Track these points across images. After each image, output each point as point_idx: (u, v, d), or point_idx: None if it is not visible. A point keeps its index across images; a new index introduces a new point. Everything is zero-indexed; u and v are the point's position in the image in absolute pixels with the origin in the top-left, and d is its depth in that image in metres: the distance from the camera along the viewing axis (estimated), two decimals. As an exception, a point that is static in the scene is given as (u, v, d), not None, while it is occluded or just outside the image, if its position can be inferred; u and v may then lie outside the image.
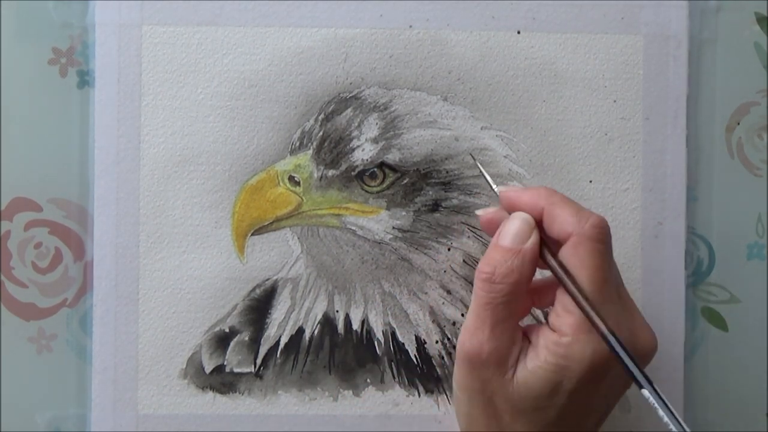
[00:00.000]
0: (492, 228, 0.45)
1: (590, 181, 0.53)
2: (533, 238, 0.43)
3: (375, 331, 0.53)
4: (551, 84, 0.53)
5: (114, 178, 0.52)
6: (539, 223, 0.44)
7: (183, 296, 0.53)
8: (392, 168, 0.52)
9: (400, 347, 0.53)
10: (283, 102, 0.53)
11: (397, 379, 0.53)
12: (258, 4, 0.53)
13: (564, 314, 0.42)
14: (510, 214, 0.45)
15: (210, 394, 0.53)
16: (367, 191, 0.52)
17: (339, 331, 0.53)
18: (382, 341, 0.53)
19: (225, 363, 0.53)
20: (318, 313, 0.53)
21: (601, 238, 0.43)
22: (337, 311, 0.53)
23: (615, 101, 0.53)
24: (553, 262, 0.43)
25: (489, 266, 0.43)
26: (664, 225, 0.53)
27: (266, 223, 0.52)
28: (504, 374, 0.42)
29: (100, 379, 0.53)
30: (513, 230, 0.43)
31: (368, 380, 0.53)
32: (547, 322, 0.44)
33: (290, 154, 0.52)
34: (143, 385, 0.53)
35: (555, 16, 0.53)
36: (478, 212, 0.47)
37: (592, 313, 0.42)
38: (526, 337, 0.44)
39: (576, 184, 0.53)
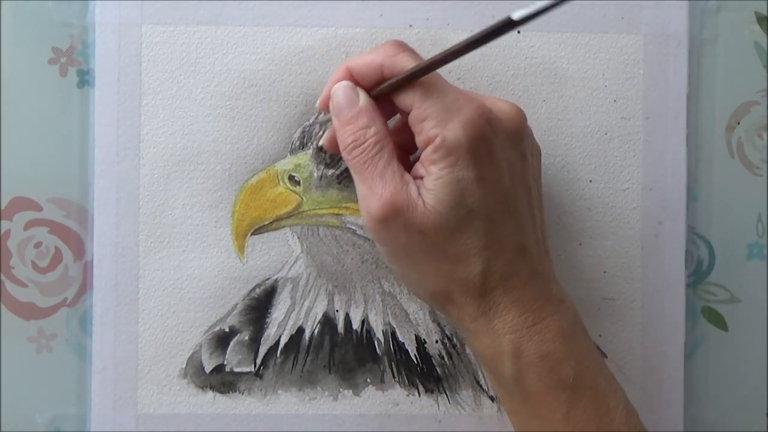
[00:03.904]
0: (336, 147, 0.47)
1: (590, 181, 0.53)
2: (362, 94, 0.45)
3: (375, 330, 0.53)
4: (551, 84, 0.53)
5: (114, 177, 0.52)
6: (380, 80, 0.46)
7: (183, 296, 0.53)
8: (392, 167, 0.52)
9: (400, 347, 0.53)
10: (283, 101, 0.53)
11: (397, 379, 0.53)
12: (258, 3, 0.53)
13: (423, 124, 0.43)
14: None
15: (210, 394, 0.53)
16: (367, 191, 0.52)
17: (339, 331, 0.53)
18: (382, 341, 0.53)
19: (225, 362, 0.53)
20: (318, 313, 0.53)
21: (404, 47, 0.45)
22: (337, 311, 0.53)
23: (615, 101, 0.53)
24: (382, 86, 0.45)
25: (349, 138, 0.44)
26: (664, 225, 0.53)
27: (266, 223, 0.52)
28: (416, 208, 0.43)
29: (100, 379, 0.53)
30: (342, 101, 0.45)
31: (368, 380, 0.53)
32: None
33: (290, 154, 0.52)
34: (143, 384, 0.53)
35: (555, 15, 0.53)
36: (320, 143, 0.49)
37: (440, 57, 0.43)
38: (417, 178, 0.44)
39: (576, 184, 0.53)
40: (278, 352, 0.53)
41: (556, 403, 0.43)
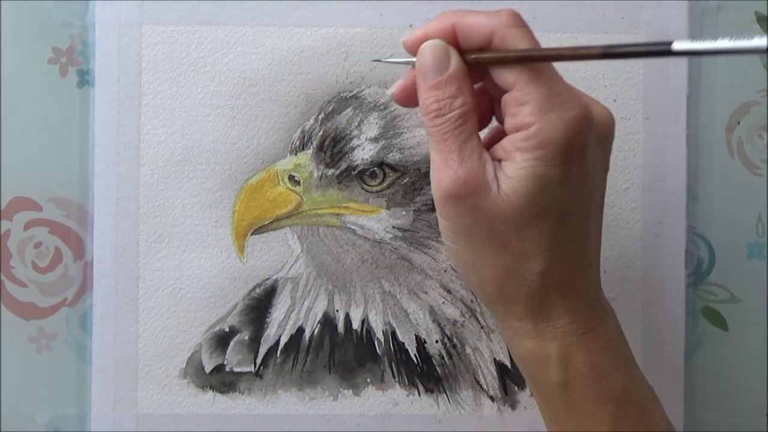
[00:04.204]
0: (411, 99, 0.43)
1: (590, 181, 0.53)
2: (454, 58, 0.41)
3: (375, 330, 0.53)
4: (551, 84, 0.53)
5: (114, 177, 0.52)
6: (456, 45, 0.42)
7: (183, 296, 0.53)
8: (392, 167, 0.52)
9: (400, 347, 0.53)
10: (283, 101, 0.53)
11: (397, 379, 0.53)
12: (258, 3, 0.53)
13: (520, 108, 0.40)
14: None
15: (210, 394, 0.53)
16: (367, 190, 0.52)
17: (339, 331, 0.53)
18: (382, 341, 0.53)
19: (225, 362, 0.53)
20: (318, 313, 0.53)
21: (522, 22, 0.41)
22: (337, 311, 0.53)
23: (615, 101, 0.53)
24: (486, 56, 0.41)
25: (433, 104, 0.41)
26: (664, 224, 0.53)
27: (266, 223, 0.52)
28: (489, 192, 0.40)
29: (100, 379, 0.53)
30: (430, 62, 0.41)
31: (368, 380, 0.53)
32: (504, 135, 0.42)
33: (290, 154, 0.52)
34: (143, 384, 0.53)
35: (555, 15, 0.53)
36: (390, 91, 0.44)
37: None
38: (494, 159, 0.42)
39: (576, 184, 0.53)
40: (278, 352, 0.53)
41: (602, 415, 0.42)
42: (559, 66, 0.52)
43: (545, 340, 0.42)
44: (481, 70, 0.42)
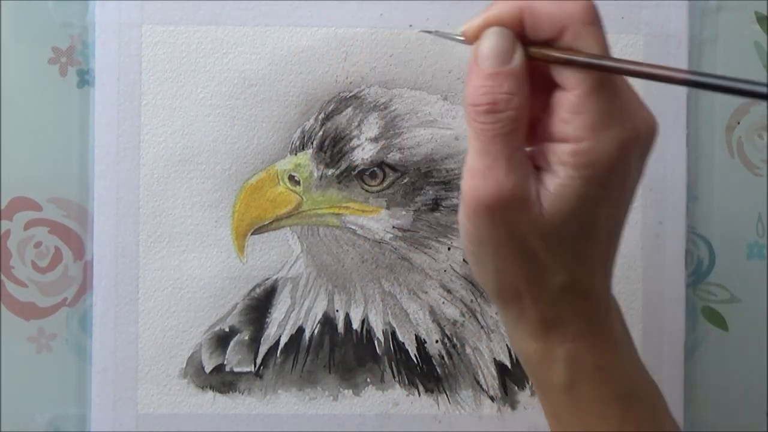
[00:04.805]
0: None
1: (590, 181, 0.53)
2: (519, 52, 0.37)
3: (375, 330, 0.53)
4: (551, 84, 0.53)
5: (114, 177, 0.52)
6: (523, 31, 0.37)
7: (183, 296, 0.53)
8: (392, 167, 0.52)
9: (400, 347, 0.53)
10: (283, 101, 0.53)
11: (397, 379, 0.53)
12: (258, 3, 0.53)
13: (574, 116, 0.36)
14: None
15: (210, 394, 0.53)
16: (367, 190, 0.52)
17: (339, 331, 0.53)
18: (382, 341, 0.53)
19: (225, 362, 0.53)
20: (318, 313, 0.53)
21: (599, 18, 0.37)
22: (337, 311, 0.53)
23: (615, 101, 0.53)
24: (553, 53, 0.37)
25: (486, 96, 0.36)
26: (664, 224, 0.53)
27: (266, 223, 0.52)
28: (531, 209, 0.36)
29: (100, 379, 0.53)
30: (492, 48, 0.37)
31: (368, 380, 0.53)
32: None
33: (290, 154, 0.52)
34: (143, 384, 0.53)
35: (555, 15, 0.53)
36: (463, 28, 0.38)
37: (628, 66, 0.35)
38: (532, 164, 0.38)
39: (576, 184, 0.53)
40: (278, 352, 0.53)
41: (608, 415, 0.40)
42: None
43: (553, 343, 0.40)
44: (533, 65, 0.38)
